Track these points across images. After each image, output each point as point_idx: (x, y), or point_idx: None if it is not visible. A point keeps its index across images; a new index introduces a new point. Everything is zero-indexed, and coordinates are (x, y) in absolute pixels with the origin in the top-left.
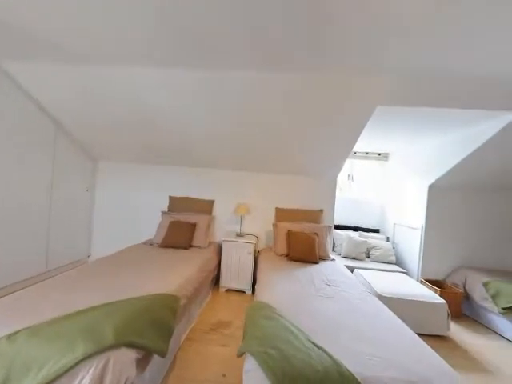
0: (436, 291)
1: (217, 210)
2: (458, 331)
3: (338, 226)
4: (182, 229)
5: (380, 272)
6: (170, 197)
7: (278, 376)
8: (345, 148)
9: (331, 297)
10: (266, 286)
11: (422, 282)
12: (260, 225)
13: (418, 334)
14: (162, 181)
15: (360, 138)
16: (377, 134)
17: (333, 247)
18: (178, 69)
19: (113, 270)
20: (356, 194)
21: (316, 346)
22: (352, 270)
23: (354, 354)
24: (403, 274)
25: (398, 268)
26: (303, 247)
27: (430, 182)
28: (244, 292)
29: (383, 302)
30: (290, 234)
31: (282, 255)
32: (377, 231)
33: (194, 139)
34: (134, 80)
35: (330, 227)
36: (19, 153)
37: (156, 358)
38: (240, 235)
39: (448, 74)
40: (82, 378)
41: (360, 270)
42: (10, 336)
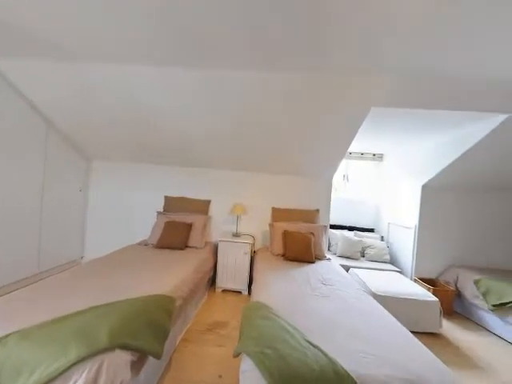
0: (429, 289)
1: (213, 210)
2: (450, 328)
3: (333, 226)
4: (178, 229)
5: (375, 271)
6: (166, 197)
7: (274, 376)
8: (340, 148)
9: (327, 296)
10: (263, 285)
11: (415, 280)
12: (256, 225)
13: (412, 331)
14: (158, 180)
15: (355, 139)
16: (371, 135)
17: (328, 247)
18: (175, 68)
19: (106, 272)
20: (351, 194)
21: (312, 345)
22: (347, 269)
23: (350, 352)
24: (397, 273)
25: (393, 267)
26: (299, 247)
27: (423, 183)
28: (240, 292)
29: (378, 301)
30: (286, 233)
31: (279, 255)
32: (371, 231)
33: (191, 139)
34: (129, 78)
35: (325, 227)
36: (9, 152)
37: (151, 360)
38: (236, 235)
39: (442, 76)
40: (75, 381)
41: (355, 269)
42: (0, 340)
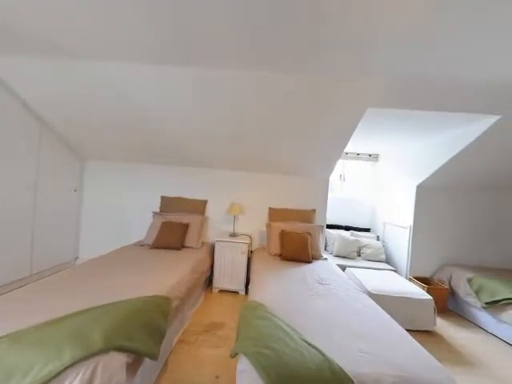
0: (423, 288)
1: (210, 210)
2: (443, 326)
3: (330, 226)
4: (175, 229)
5: (370, 270)
6: (162, 197)
7: (271, 375)
8: (337, 148)
9: (323, 295)
10: (260, 285)
11: (410, 279)
12: (253, 225)
13: (407, 329)
14: (154, 181)
15: (351, 139)
16: (367, 136)
17: (325, 246)
18: (172, 67)
19: (102, 272)
20: (347, 194)
21: (309, 344)
22: (344, 268)
23: (346, 350)
24: (392, 272)
25: (388, 266)
26: (296, 247)
27: (418, 183)
28: (237, 292)
29: (374, 300)
30: (283, 233)
31: (276, 255)
32: (368, 230)
33: (188, 138)
34: (125, 77)
35: (322, 227)
36: (1, 152)
37: (147, 362)
38: (233, 235)
39: (436, 79)
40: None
41: (351, 269)
42: None
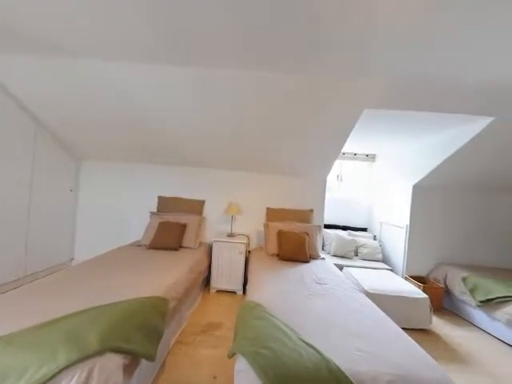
0: (419, 287)
1: (207, 211)
2: (439, 324)
3: (327, 226)
4: (172, 229)
5: (367, 269)
6: (159, 197)
7: (269, 375)
8: (334, 149)
9: (321, 295)
10: (257, 285)
11: (406, 278)
12: (251, 225)
13: (403, 328)
14: (151, 180)
15: (348, 140)
16: (364, 136)
17: (322, 246)
18: (170, 67)
19: (98, 274)
20: (345, 194)
21: (307, 343)
22: (341, 268)
23: (344, 350)
24: (389, 271)
25: (385, 265)
26: (294, 247)
27: (414, 183)
28: (235, 292)
29: (370, 299)
30: (280, 233)
31: (273, 255)
32: (364, 230)
33: (185, 138)
34: (122, 77)
35: (319, 227)
36: None
37: (144, 363)
38: (231, 235)
39: (432, 80)
40: None
41: (349, 268)
42: None
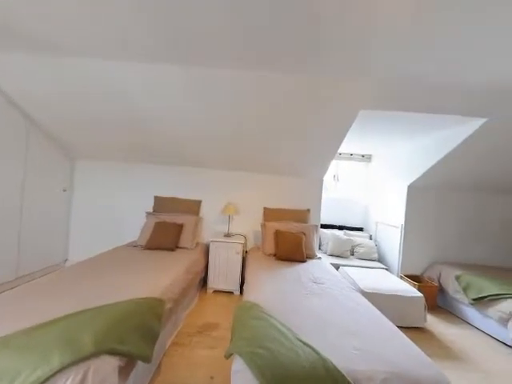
0: (414, 286)
1: (204, 211)
2: (433, 322)
3: (323, 225)
4: (168, 230)
5: (363, 269)
6: (156, 197)
7: (266, 375)
8: (331, 149)
9: (318, 294)
10: (255, 285)
11: (401, 277)
12: (248, 225)
13: (398, 326)
14: (147, 180)
15: (345, 140)
16: (360, 137)
17: (319, 246)
18: (170, 67)
19: (93, 274)
20: (341, 194)
21: (304, 343)
22: (337, 267)
23: (341, 348)
24: (384, 271)
25: (380, 264)
26: (291, 246)
27: (409, 183)
28: (232, 293)
29: (366, 298)
30: (277, 233)
31: (270, 255)
32: (361, 230)
33: (182, 138)
34: (119, 75)
35: (316, 226)
36: None
37: (140, 365)
38: (228, 235)
39: (427, 82)
40: None
41: (345, 268)
42: None
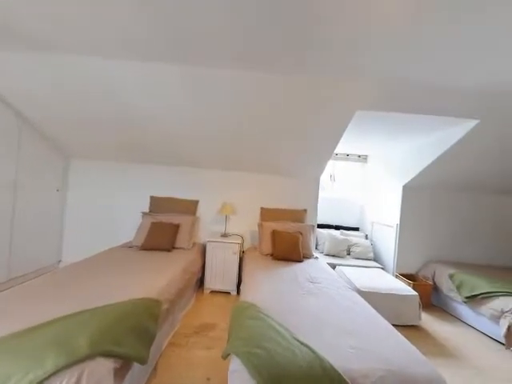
0: (409, 284)
1: (201, 211)
2: (428, 320)
3: (320, 225)
4: (165, 230)
5: (359, 268)
6: (152, 197)
7: (263, 375)
8: (327, 149)
9: (315, 294)
10: (251, 285)
11: (396, 276)
12: (245, 225)
13: (393, 324)
14: (143, 180)
15: (341, 141)
16: (356, 137)
17: (316, 245)
18: (169, 66)
19: (87, 276)
20: (337, 194)
21: (301, 343)
22: (334, 267)
23: (337, 348)
24: (380, 270)
25: (376, 264)
26: (288, 246)
27: (404, 183)
28: (229, 293)
29: (362, 297)
30: (274, 233)
31: (267, 254)
32: (357, 229)
33: (178, 138)
34: (114, 74)
35: (313, 226)
36: None
37: (136, 366)
38: (225, 235)
39: (422, 84)
40: None
41: (341, 267)
42: None
